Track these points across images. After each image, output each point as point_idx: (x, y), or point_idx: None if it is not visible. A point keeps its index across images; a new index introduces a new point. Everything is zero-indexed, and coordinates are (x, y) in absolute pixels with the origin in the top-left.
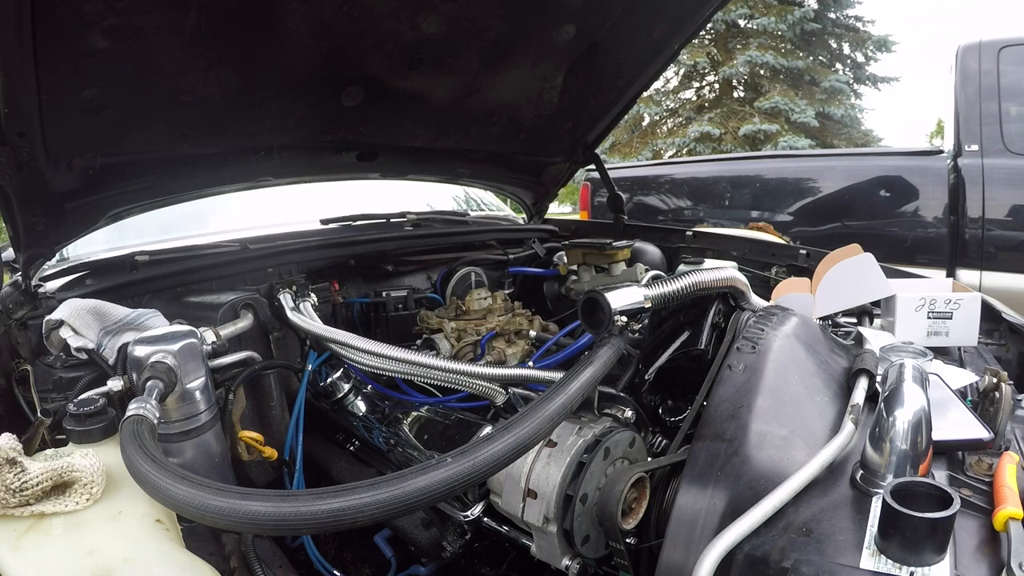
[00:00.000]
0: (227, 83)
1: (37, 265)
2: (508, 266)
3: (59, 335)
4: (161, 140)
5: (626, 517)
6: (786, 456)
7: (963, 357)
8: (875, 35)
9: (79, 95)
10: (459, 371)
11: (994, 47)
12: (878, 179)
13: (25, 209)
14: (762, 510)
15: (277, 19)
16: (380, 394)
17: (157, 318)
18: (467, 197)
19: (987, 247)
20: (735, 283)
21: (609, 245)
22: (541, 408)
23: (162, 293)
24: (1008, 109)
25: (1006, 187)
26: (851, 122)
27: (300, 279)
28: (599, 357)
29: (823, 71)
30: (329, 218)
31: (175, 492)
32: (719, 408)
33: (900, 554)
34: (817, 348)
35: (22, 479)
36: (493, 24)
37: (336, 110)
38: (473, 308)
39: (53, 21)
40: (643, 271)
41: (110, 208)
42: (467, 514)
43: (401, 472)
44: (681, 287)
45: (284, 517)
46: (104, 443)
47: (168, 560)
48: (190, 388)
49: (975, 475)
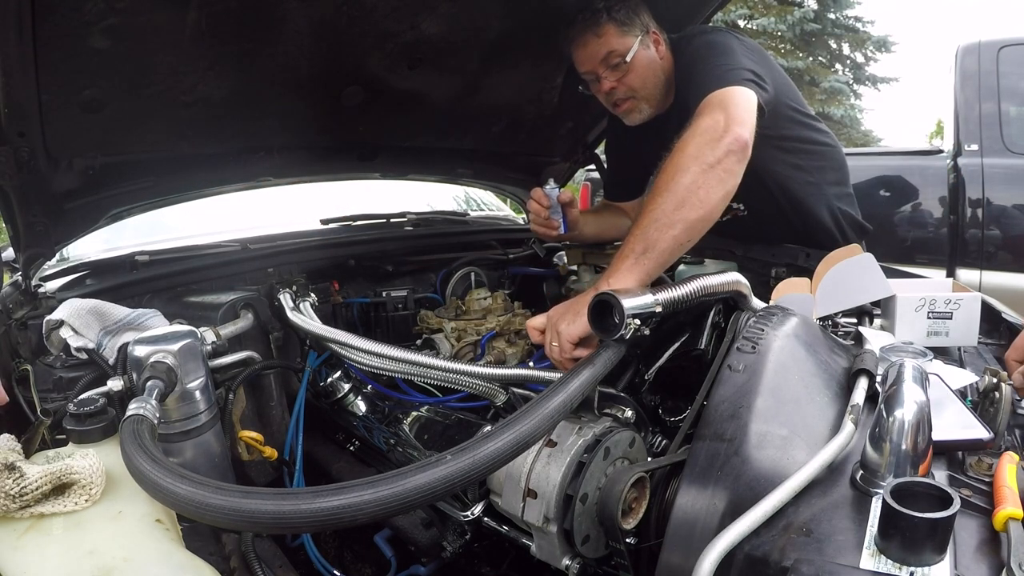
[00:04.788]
0: (227, 83)
1: (37, 265)
2: (508, 266)
3: (59, 335)
4: (161, 140)
5: (626, 517)
6: (786, 456)
7: (963, 357)
8: (875, 35)
9: (79, 95)
10: (459, 371)
11: (994, 47)
12: (878, 179)
13: (25, 209)
14: (762, 510)
15: (277, 19)
16: (380, 394)
17: (157, 318)
18: (467, 197)
19: (987, 247)
20: (739, 287)
21: (609, 245)
22: (541, 406)
23: (162, 293)
24: (1008, 109)
25: (1006, 187)
26: (851, 122)
27: (300, 279)
28: (599, 357)
29: (823, 71)
30: (329, 218)
31: (176, 491)
32: (719, 408)
33: (900, 554)
34: (817, 348)
35: (21, 484)
36: (493, 24)
37: (336, 110)
38: (473, 308)
39: (53, 21)
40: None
41: (110, 208)
42: (467, 514)
43: (401, 470)
44: (690, 291)
45: (284, 515)
46: (104, 443)
47: (168, 560)
48: (190, 388)
49: (975, 475)
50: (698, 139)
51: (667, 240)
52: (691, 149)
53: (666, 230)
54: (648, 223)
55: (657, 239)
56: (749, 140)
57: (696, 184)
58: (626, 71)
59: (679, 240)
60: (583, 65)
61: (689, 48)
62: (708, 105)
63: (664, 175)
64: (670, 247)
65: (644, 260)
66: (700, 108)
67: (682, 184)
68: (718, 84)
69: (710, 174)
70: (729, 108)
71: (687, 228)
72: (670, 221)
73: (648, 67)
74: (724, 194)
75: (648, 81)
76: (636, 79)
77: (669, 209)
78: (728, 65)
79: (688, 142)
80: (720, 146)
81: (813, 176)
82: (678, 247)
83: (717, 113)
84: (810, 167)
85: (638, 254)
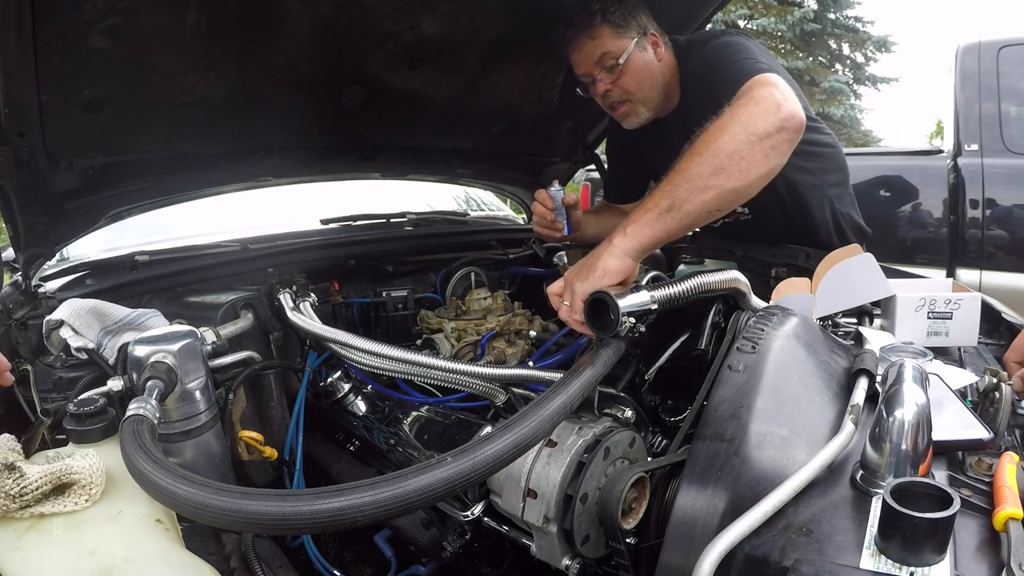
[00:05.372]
0: (227, 83)
1: (37, 265)
2: (508, 266)
3: (59, 335)
4: (161, 140)
5: (626, 517)
6: (786, 456)
7: (963, 357)
8: (875, 35)
9: (79, 95)
10: (459, 371)
11: (994, 47)
12: (878, 179)
13: (25, 209)
14: (762, 510)
15: (277, 19)
16: (380, 394)
17: (157, 318)
18: (467, 197)
19: (987, 247)
20: (738, 285)
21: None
22: (541, 407)
23: (162, 293)
24: (1008, 109)
25: (1006, 187)
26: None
27: (300, 279)
28: (599, 357)
29: (823, 71)
30: (329, 218)
31: (176, 491)
32: (719, 408)
33: (900, 554)
34: (817, 348)
35: (21, 484)
36: (493, 24)
37: (336, 110)
38: (473, 308)
39: (53, 21)
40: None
41: (110, 208)
42: (467, 514)
43: (401, 471)
44: (686, 289)
45: (285, 516)
46: (104, 443)
47: (168, 560)
48: (190, 388)
49: (975, 475)
50: (752, 108)
51: (696, 203)
52: (743, 115)
53: (698, 193)
54: (680, 181)
55: (686, 199)
56: (804, 121)
57: (740, 153)
58: (620, 73)
59: (708, 207)
60: (579, 67)
61: (704, 51)
62: (757, 83)
63: (707, 135)
64: (697, 210)
65: (667, 217)
66: (749, 85)
67: (724, 149)
68: (757, 71)
69: (757, 146)
70: (782, 87)
71: (720, 196)
72: (704, 185)
73: (644, 69)
74: (767, 171)
75: (644, 84)
76: (631, 82)
77: (706, 172)
78: (756, 59)
79: (739, 109)
80: (775, 118)
81: (816, 178)
82: (706, 214)
83: (771, 88)
84: (813, 168)
85: (663, 210)
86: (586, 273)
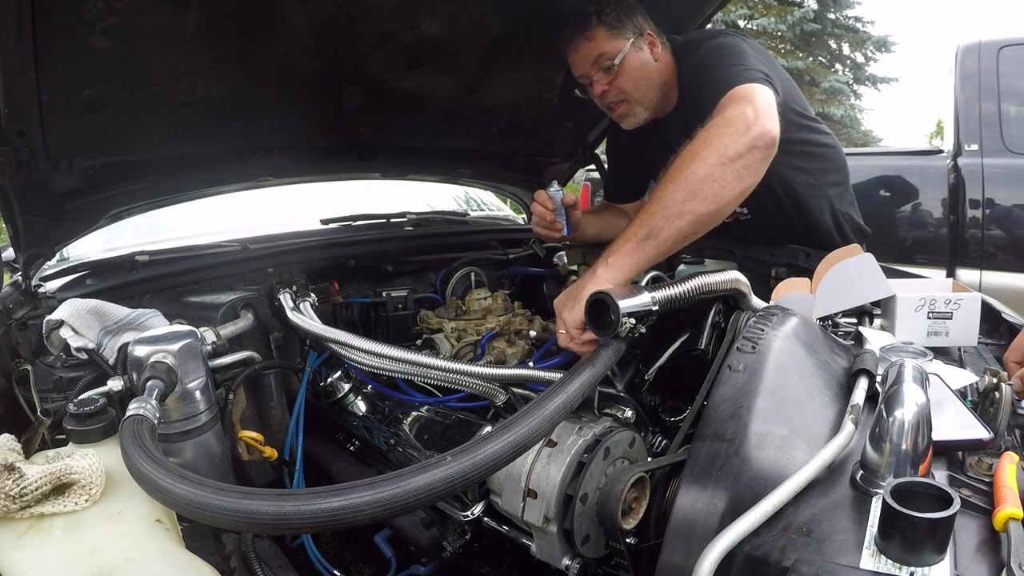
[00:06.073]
0: (227, 83)
1: (37, 265)
2: (508, 266)
3: (59, 335)
4: (161, 140)
5: (626, 517)
6: (786, 456)
7: (963, 357)
8: (875, 35)
9: (79, 95)
10: (459, 371)
11: (994, 47)
12: (878, 179)
13: (25, 209)
14: (762, 510)
15: (277, 19)
16: (380, 394)
17: (157, 318)
18: (467, 197)
19: (987, 247)
20: (738, 285)
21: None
22: (541, 407)
23: (162, 293)
24: (1008, 109)
25: (1006, 187)
26: (851, 122)
27: (300, 279)
28: (599, 357)
29: (823, 71)
30: (329, 218)
31: (176, 491)
32: (719, 408)
33: (900, 554)
34: (817, 348)
35: (21, 484)
36: (493, 24)
37: (336, 110)
38: (473, 308)
39: (53, 21)
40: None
41: (110, 208)
42: (467, 514)
43: (401, 471)
44: (687, 290)
45: (285, 516)
46: (104, 443)
47: (168, 560)
48: (190, 388)
49: (975, 475)
50: (723, 129)
51: (672, 229)
52: (713, 138)
53: (673, 220)
54: (656, 209)
55: (662, 227)
56: (777, 137)
57: (711, 176)
58: (617, 74)
59: (684, 232)
60: (576, 69)
61: (699, 51)
62: (733, 98)
63: (680, 161)
64: (674, 237)
65: (645, 246)
66: (724, 101)
67: (696, 175)
68: (739, 80)
69: (728, 168)
70: (756, 102)
71: (694, 220)
72: (679, 211)
73: (640, 70)
74: (740, 191)
75: (640, 84)
76: (627, 82)
77: (679, 199)
78: (745, 65)
79: (711, 131)
80: (746, 139)
81: (816, 178)
82: (682, 238)
83: (744, 105)
84: (813, 169)
85: (640, 239)
86: (572, 303)
